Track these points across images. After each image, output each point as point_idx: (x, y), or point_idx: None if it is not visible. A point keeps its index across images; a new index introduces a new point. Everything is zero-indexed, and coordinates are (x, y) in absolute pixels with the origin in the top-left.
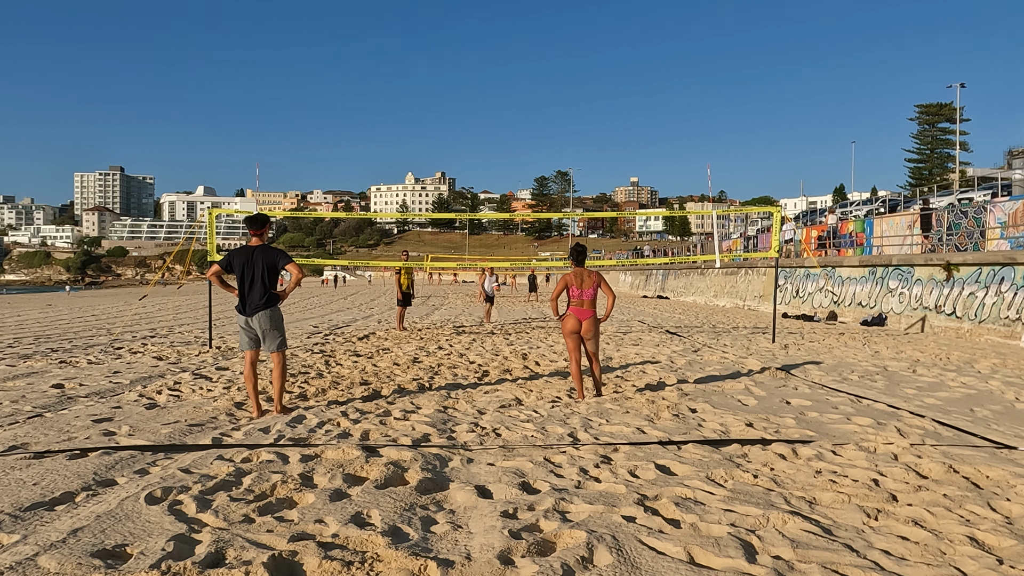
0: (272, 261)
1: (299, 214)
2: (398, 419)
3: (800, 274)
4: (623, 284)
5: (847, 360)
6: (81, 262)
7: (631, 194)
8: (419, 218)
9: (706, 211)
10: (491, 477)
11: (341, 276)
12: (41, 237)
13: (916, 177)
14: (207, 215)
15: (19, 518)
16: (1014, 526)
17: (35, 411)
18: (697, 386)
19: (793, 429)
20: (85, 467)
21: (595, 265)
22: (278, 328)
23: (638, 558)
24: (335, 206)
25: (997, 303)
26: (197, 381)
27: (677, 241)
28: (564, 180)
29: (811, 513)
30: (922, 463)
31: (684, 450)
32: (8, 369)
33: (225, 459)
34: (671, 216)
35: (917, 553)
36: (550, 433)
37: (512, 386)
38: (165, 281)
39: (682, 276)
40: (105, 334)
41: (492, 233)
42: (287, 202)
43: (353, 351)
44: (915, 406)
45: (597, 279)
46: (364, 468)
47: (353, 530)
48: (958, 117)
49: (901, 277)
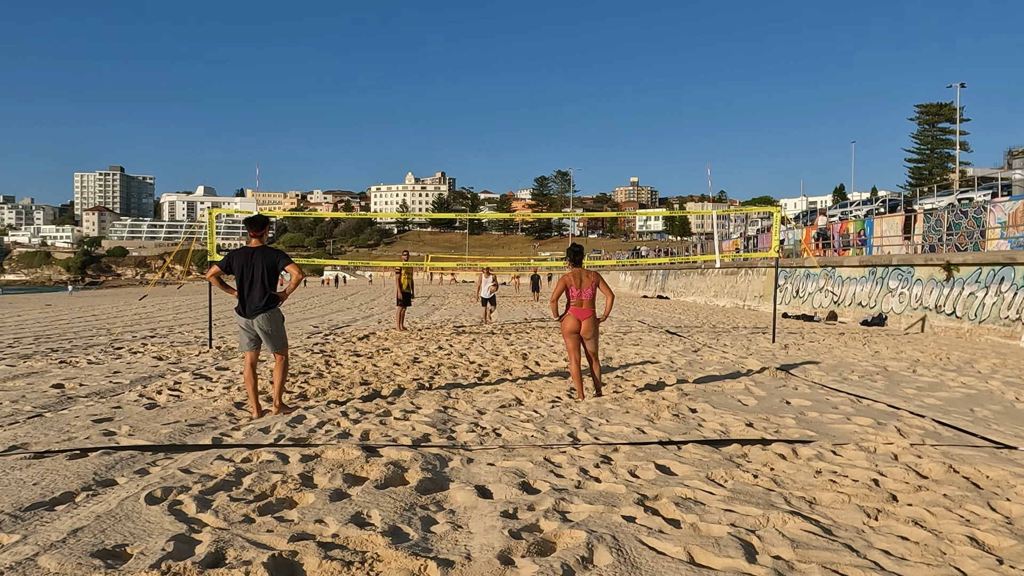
0: (272, 262)
1: (299, 214)
2: (398, 419)
3: (800, 274)
4: (623, 284)
5: (847, 360)
6: (81, 262)
7: (631, 194)
8: (419, 218)
9: (706, 211)
10: (491, 477)
11: (341, 276)
12: (41, 237)
13: (916, 177)
14: (207, 215)
15: (19, 518)
16: (1014, 526)
17: (35, 411)
18: (697, 386)
19: (793, 429)
20: (85, 467)
21: (595, 265)
22: (278, 329)
23: (638, 558)
24: (335, 206)
25: (997, 303)
26: (197, 381)
27: (677, 241)
28: (564, 180)
29: (811, 513)
30: (922, 463)
31: (684, 450)
32: (8, 369)
33: (225, 459)
34: (671, 216)
35: (917, 553)
36: (550, 433)
37: (512, 386)
38: (165, 281)
39: (682, 276)
40: (105, 334)
41: (492, 233)
42: (287, 202)
43: (353, 351)
44: (915, 406)
45: (596, 279)
46: (364, 468)
47: (353, 530)
48: (958, 117)
49: (901, 277)
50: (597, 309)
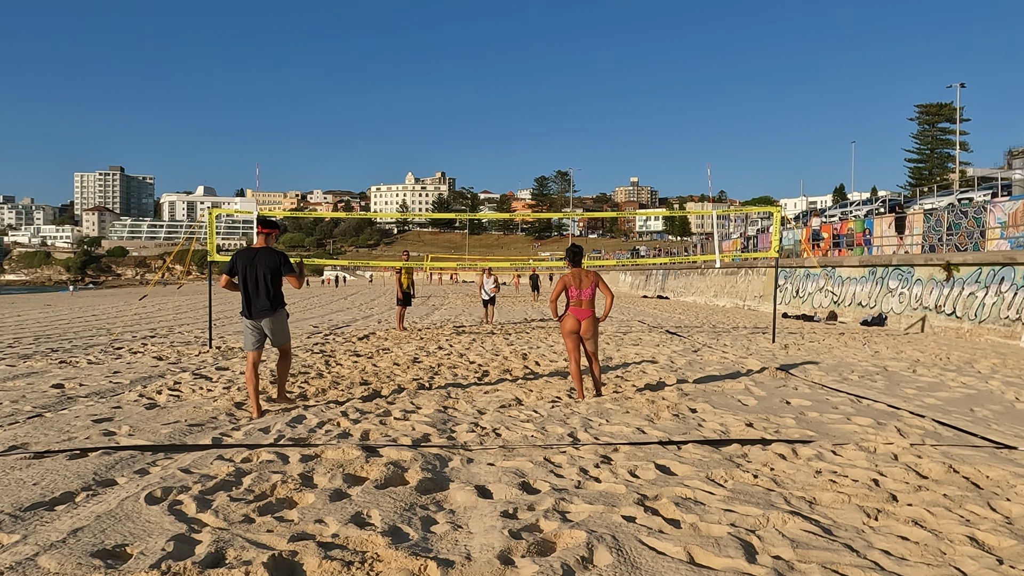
0: (274, 265)
1: (299, 214)
2: (398, 419)
3: (800, 274)
4: (623, 284)
5: (847, 360)
6: (81, 262)
7: (631, 194)
8: (419, 218)
9: (706, 211)
10: (491, 477)
11: (341, 276)
12: (41, 237)
13: (916, 177)
14: (207, 215)
15: (19, 518)
16: (1014, 526)
17: (35, 411)
18: (697, 386)
19: (793, 429)
20: (85, 467)
21: (595, 265)
22: (283, 326)
23: (638, 558)
24: (335, 206)
25: (997, 303)
26: (197, 381)
27: (676, 241)
28: (564, 180)
29: (811, 513)
30: (922, 463)
31: (684, 450)
32: (8, 369)
33: (225, 459)
34: (671, 216)
35: (917, 553)
36: (550, 433)
37: (512, 386)
38: (165, 281)
39: (682, 276)
40: (105, 334)
41: (492, 233)
42: (287, 202)
43: (353, 351)
44: (915, 406)
45: (595, 279)
46: (364, 468)
47: (353, 530)
48: (958, 117)
49: (901, 277)
50: (597, 309)
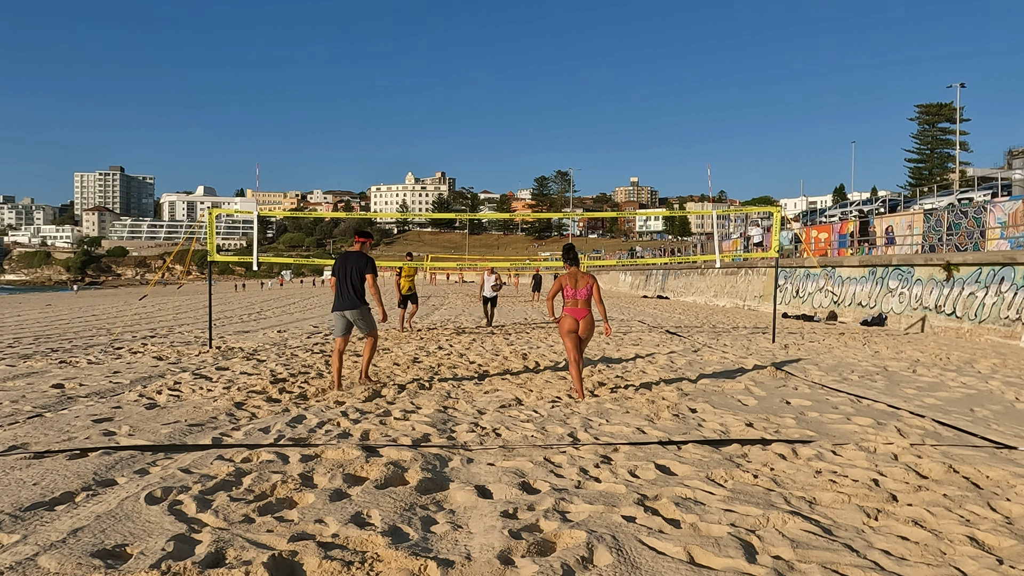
0: (360, 267)
1: (299, 214)
2: (398, 419)
3: (800, 274)
4: (623, 284)
5: (847, 360)
6: (81, 262)
7: (631, 194)
8: (419, 218)
9: (706, 211)
10: (491, 477)
11: None
12: (41, 237)
13: (916, 177)
14: (207, 215)
15: (19, 518)
16: (1014, 526)
17: (35, 411)
18: (697, 386)
19: (793, 429)
20: (85, 467)
21: (595, 265)
22: (365, 320)
23: (638, 558)
24: (335, 206)
25: (997, 303)
26: (197, 381)
27: (676, 241)
28: (564, 180)
29: (811, 513)
30: (922, 463)
31: (684, 450)
32: (8, 369)
33: (225, 459)
34: (671, 216)
35: (917, 553)
36: (550, 433)
37: (512, 386)
38: (165, 281)
39: (682, 276)
40: (105, 334)
41: (492, 233)
42: (287, 202)
43: (353, 351)
44: (915, 406)
45: (590, 280)
46: (364, 468)
47: (353, 530)
48: (958, 117)
49: (901, 277)
50: (594, 310)
